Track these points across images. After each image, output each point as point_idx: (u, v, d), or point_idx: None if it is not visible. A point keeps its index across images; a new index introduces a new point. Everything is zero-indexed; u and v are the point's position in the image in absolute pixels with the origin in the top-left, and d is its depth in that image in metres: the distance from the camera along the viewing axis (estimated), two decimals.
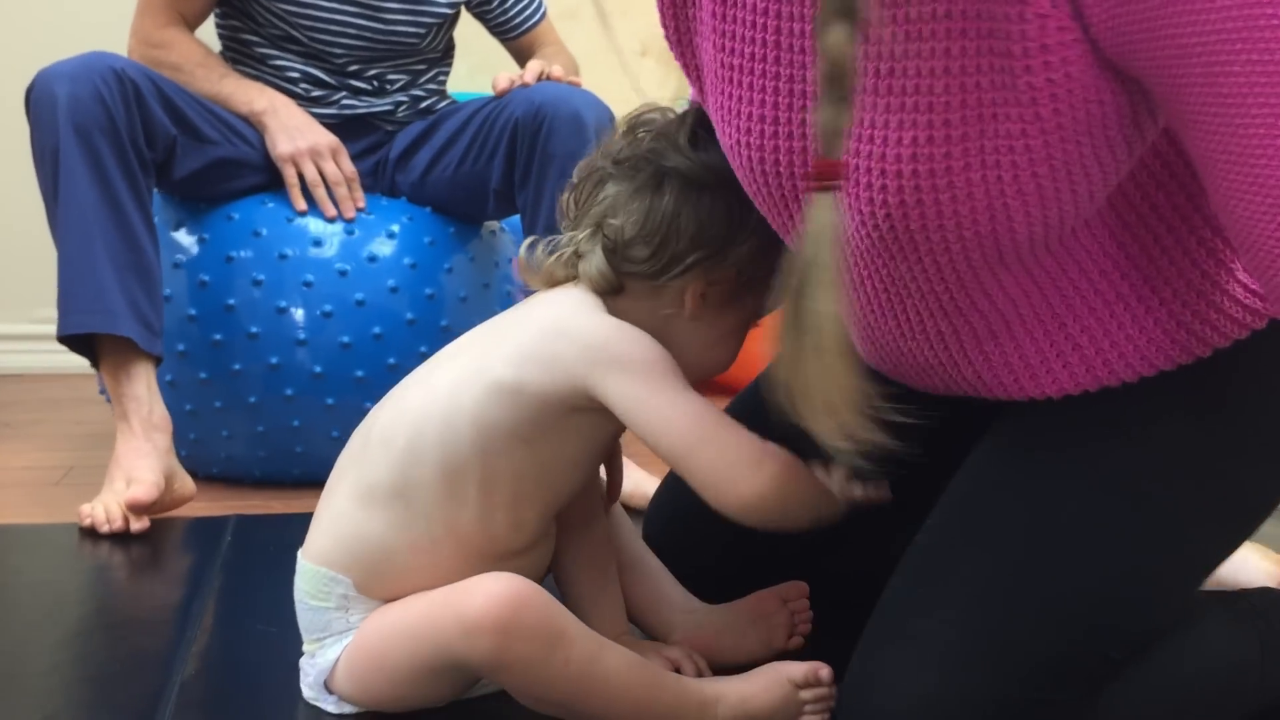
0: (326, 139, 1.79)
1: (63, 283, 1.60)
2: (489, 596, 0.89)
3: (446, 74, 2.00)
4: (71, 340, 1.62)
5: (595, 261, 0.96)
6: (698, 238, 0.95)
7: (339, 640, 0.97)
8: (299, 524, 1.04)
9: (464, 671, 0.93)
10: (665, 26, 0.98)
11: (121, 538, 1.53)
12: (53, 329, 1.63)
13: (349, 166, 1.80)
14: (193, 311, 1.75)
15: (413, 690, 0.95)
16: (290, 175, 1.77)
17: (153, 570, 1.45)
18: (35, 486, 1.83)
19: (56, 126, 1.57)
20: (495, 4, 1.99)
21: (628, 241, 0.95)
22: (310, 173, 1.76)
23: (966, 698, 0.82)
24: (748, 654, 1.06)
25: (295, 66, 1.85)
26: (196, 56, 1.80)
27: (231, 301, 1.75)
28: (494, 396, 0.93)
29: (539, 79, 1.82)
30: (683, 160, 0.95)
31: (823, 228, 0.75)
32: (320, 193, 1.77)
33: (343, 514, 0.97)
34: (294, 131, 1.77)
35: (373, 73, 1.88)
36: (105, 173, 1.59)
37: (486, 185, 1.80)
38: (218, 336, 1.75)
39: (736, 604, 1.10)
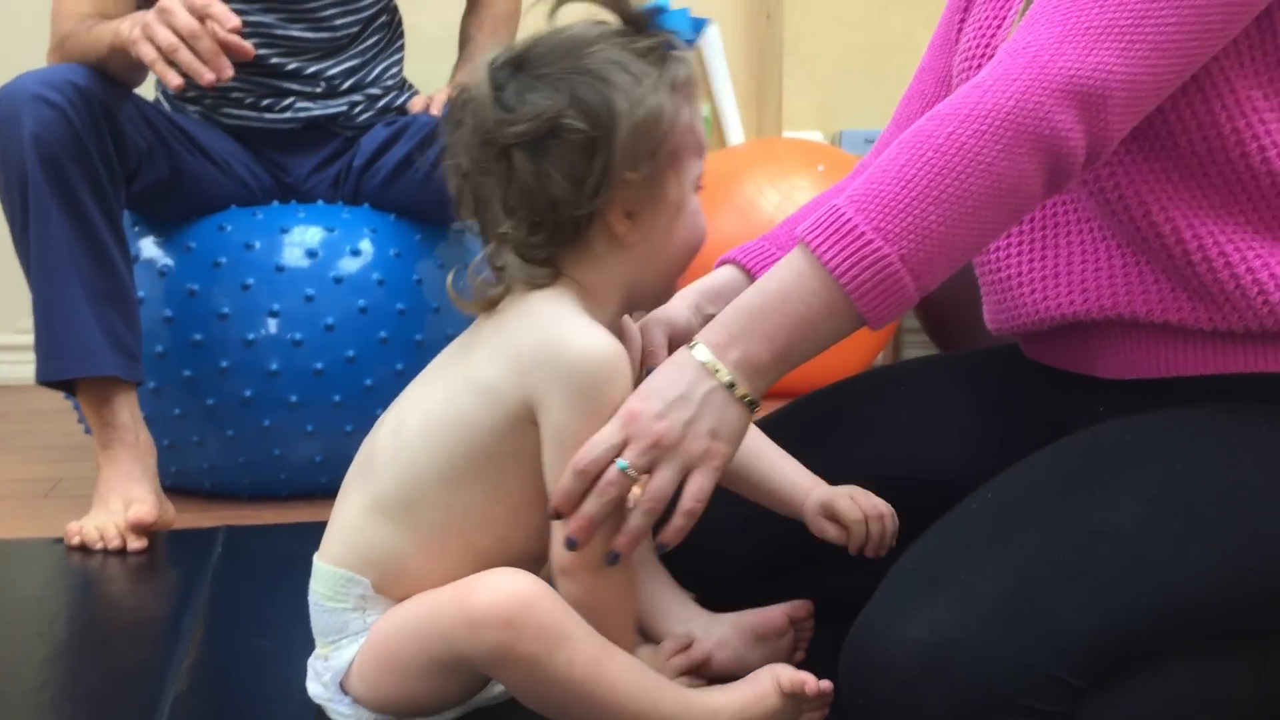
0: None
1: (40, 323, 1.57)
2: (496, 591, 0.89)
3: (399, 64, 1.97)
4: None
5: (515, 268, 0.94)
6: (575, 185, 0.90)
7: (355, 640, 0.97)
8: (290, 534, 1.04)
9: (470, 668, 0.93)
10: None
11: (112, 551, 1.51)
12: None
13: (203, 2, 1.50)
14: (160, 348, 1.74)
15: (421, 688, 0.95)
16: (146, 53, 1.48)
17: (143, 583, 1.45)
18: (23, 499, 1.82)
19: (23, 157, 1.52)
20: None
21: (525, 237, 0.93)
22: (164, 37, 1.47)
23: (992, 652, 0.83)
24: (749, 671, 1.05)
25: (238, 78, 1.80)
26: (81, 27, 1.64)
27: (198, 336, 1.73)
28: (481, 401, 0.93)
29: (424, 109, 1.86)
30: (506, 126, 0.90)
31: None
32: (183, 56, 1.47)
33: (354, 523, 0.98)
34: (134, 21, 1.53)
35: (311, 71, 1.85)
36: (77, 201, 1.54)
37: None
38: (188, 372, 1.74)
39: (741, 619, 1.08)
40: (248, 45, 1.49)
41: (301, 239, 1.77)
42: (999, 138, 0.85)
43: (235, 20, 1.48)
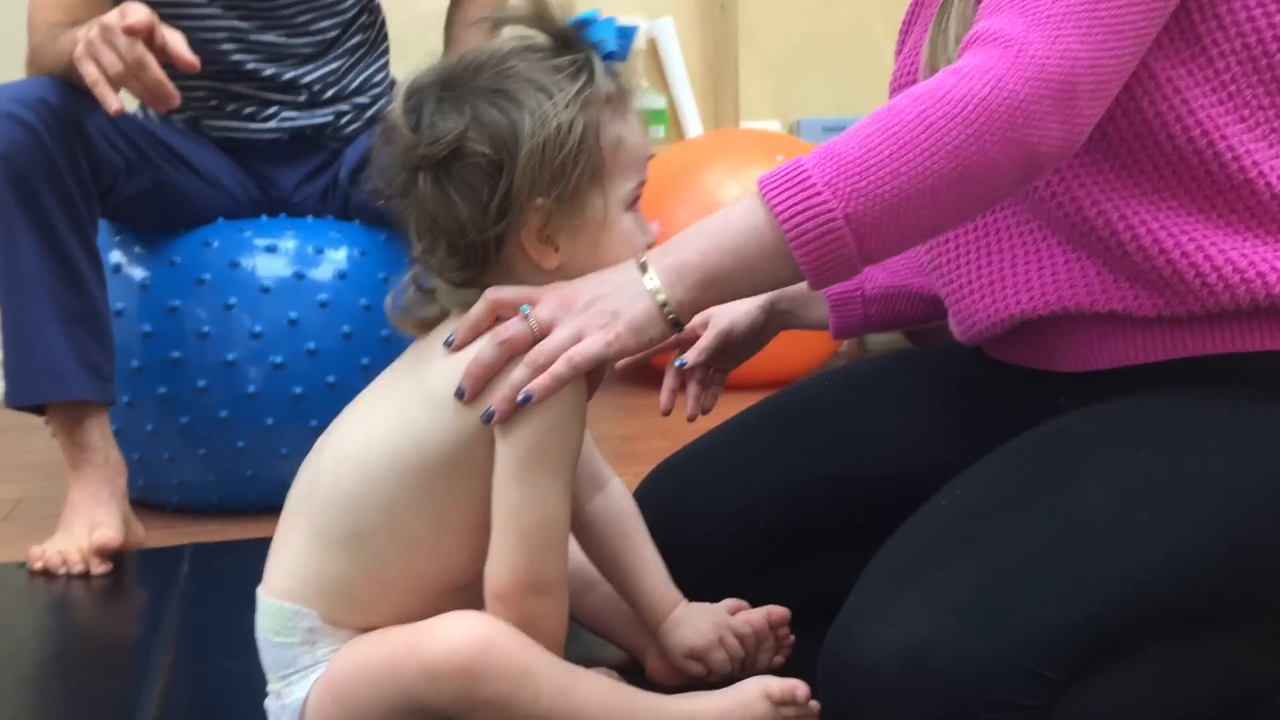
0: (116, 10, 1.43)
1: (9, 346, 1.54)
2: (452, 640, 0.88)
3: (384, 68, 1.93)
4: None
5: (445, 293, 0.94)
6: (478, 209, 0.88)
7: (306, 676, 0.95)
8: (257, 550, 1.02)
9: (433, 716, 0.91)
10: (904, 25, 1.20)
11: (77, 575, 1.50)
12: None
13: (139, 18, 1.41)
14: (136, 363, 1.71)
15: None
16: (89, 72, 1.42)
17: (109, 607, 1.42)
18: None
19: None
20: None
21: (439, 261, 0.92)
22: (110, 61, 1.41)
23: (970, 650, 0.83)
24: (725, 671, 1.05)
25: (218, 87, 1.78)
26: (49, 36, 1.59)
27: (176, 354, 1.70)
28: (435, 414, 0.90)
29: None
30: (414, 150, 0.89)
31: None
32: (132, 87, 1.44)
33: (300, 553, 0.95)
34: (89, 26, 1.46)
35: (289, 77, 1.81)
36: (47, 221, 1.51)
37: None
38: (163, 389, 1.71)
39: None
40: (192, 58, 1.45)
41: (287, 259, 1.74)
42: (970, 122, 0.85)
43: (177, 43, 1.43)
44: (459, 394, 0.88)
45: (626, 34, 0.84)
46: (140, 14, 1.41)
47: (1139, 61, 0.93)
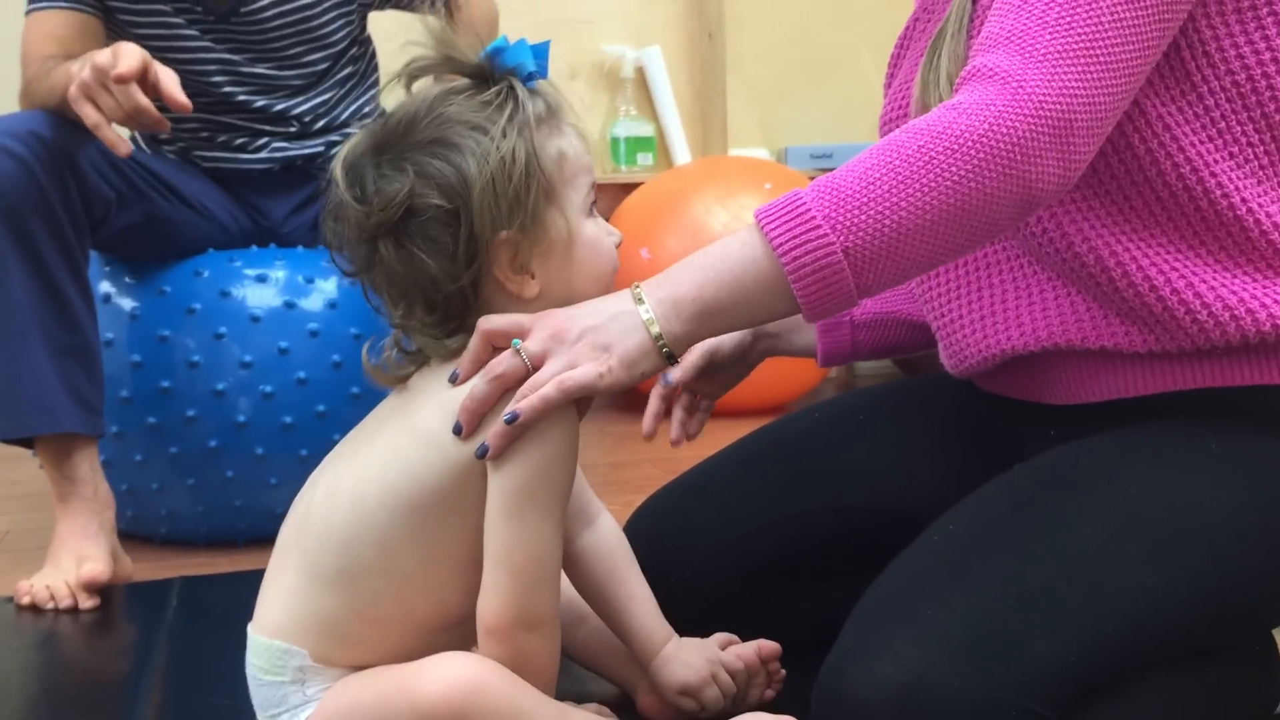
0: (108, 51, 1.44)
1: None
2: (444, 682, 0.87)
3: (374, 99, 1.94)
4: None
5: (431, 347, 0.93)
6: (447, 259, 0.89)
7: (295, 715, 0.94)
8: (246, 583, 1.01)
9: None
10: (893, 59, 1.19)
11: (64, 610, 1.49)
12: None
13: (131, 64, 1.41)
14: (125, 393, 1.71)
15: None
16: (89, 115, 1.43)
17: (97, 643, 1.41)
18: None
19: None
20: None
21: (419, 322, 0.92)
22: (109, 105, 1.43)
23: (964, 687, 0.83)
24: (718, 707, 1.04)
25: (209, 118, 1.79)
26: (43, 70, 1.60)
27: (166, 384, 1.70)
28: (427, 450, 0.90)
29: None
30: (367, 220, 0.90)
31: None
32: (131, 126, 1.49)
33: (291, 589, 0.94)
34: (83, 63, 1.46)
35: (280, 108, 1.82)
36: (38, 254, 1.51)
37: None
38: (153, 419, 1.71)
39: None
40: (184, 99, 1.45)
41: (278, 289, 1.74)
42: (969, 158, 0.85)
43: (170, 85, 1.44)
44: (457, 430, 0.88)
45: (541, 50, 0.84)
46: (132, 59, 1.41)
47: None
